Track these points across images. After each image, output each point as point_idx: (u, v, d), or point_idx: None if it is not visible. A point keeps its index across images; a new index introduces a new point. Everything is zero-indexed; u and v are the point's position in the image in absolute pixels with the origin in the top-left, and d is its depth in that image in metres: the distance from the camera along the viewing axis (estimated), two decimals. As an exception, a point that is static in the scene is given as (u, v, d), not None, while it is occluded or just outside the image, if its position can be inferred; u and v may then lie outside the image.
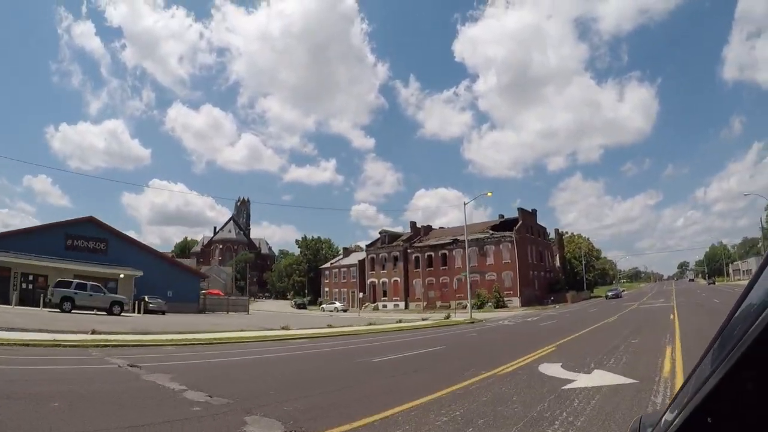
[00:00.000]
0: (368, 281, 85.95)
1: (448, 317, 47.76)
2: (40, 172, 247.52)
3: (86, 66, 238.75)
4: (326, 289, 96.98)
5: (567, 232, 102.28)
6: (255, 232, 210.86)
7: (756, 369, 0.83)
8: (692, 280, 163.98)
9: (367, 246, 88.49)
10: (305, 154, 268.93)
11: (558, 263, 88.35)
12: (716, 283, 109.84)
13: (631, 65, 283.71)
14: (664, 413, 1.33)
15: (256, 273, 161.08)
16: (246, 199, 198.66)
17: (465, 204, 49.06)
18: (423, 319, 47.03)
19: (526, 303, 66.79)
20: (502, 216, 77.21)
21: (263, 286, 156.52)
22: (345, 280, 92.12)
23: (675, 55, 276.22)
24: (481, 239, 71.37)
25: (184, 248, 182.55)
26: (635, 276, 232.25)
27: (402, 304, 78.87)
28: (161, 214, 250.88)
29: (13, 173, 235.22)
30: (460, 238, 73.85)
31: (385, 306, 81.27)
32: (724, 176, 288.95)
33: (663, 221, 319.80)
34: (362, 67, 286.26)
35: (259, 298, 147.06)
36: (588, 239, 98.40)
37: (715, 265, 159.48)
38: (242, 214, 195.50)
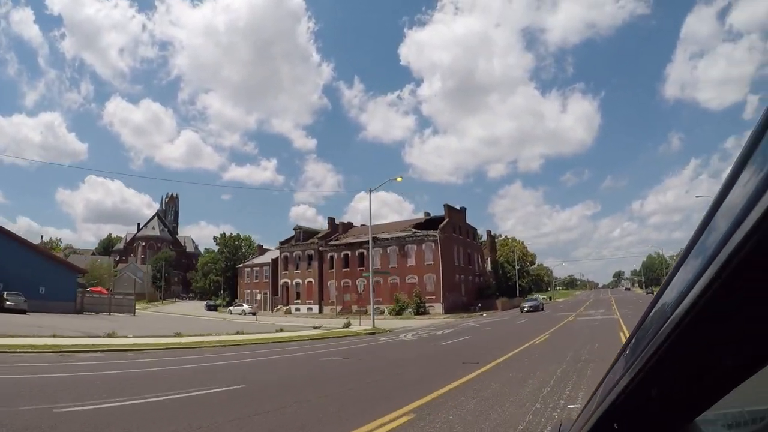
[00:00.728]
0: (281, 282, 75.14)
1: (348, 325, 38.12)
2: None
3: (23, 55, 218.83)
4: (242, 289, 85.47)
5: (500, 235, 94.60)
6: (191, 232, 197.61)
7: (663, 371, 0.78)
8: (628, 289, 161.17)
9: (280, 243, 77.63)
10: (246, 153, 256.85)
11: (489, 267, 79.97)
12: (654, 292, 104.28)
13: (575, 77, 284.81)
14: (577, 419, 1.22)
15: (180, 272, 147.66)
16: (174, 195, 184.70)
17: (371, 190, 39.43)
18: (315, 328, 37.21)
19: (450, 309, 57.69)
20: (428, 213, 68.02)
21: (187, 286, 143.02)
22: (258, 280, 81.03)
23: (619, 70, 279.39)
24: (402, 238, 61.88)
25: (108, 245, 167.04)
26: (571, 284, 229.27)
27: (316, 308, 68.54)
28: (97, 211, 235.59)
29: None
30: (381, 236, 64.34)
31: (298, 309, 70.73)
32: (661, 190, 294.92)
33: (599, 231, 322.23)
34: (307, 67, 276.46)
35: (182, 298, 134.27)
36: (522, 243, 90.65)
37: (652, 274, 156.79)
38: (170, 211, 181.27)
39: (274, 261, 76.92)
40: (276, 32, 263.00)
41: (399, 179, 37.69)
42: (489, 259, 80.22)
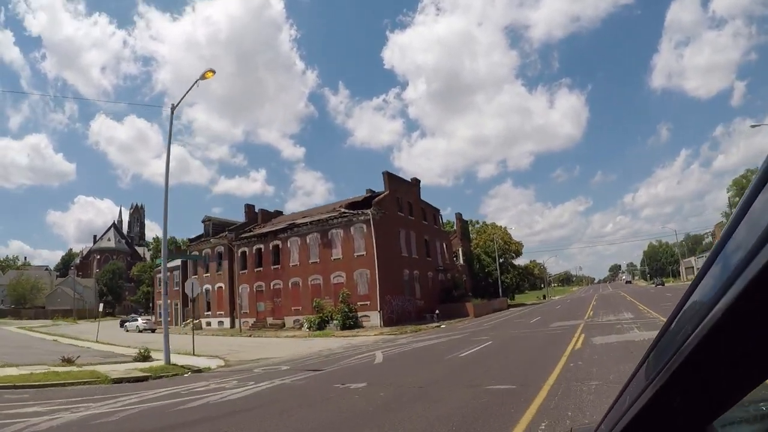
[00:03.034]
0: (190, 291, 56.12)
1: (145, 357, 19.01)
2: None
3: (5, 77, 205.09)
4: (155, 300, 66.57)
5: (476, 221, 74.55)
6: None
7: (689, 379, 0.73)
8: (629, 281, 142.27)
9: (189, 241, 58.63)
10: (235, 165, 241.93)
11: (461, 260, 60.52)
12: (665, 284, 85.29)
13: (561, 72, 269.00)
14: (599, 426, 1.15)
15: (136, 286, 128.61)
16: (140, 205, 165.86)
17: (174, 107, 20.37)
18: (65, 361, 18.07)
19: (395, 319, 38.76)
20: (371, 191, 48.50)
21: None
22: (169, 289, 61.91)
23: (605, 63, 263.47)
24: (325, 221, 42.61)
25: (68, 261, 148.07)
26: (566, 280, 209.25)
27: (228, 321, 49.39)
28: (88, 232, 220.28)
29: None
30: (301, 220, 45.46)
31: (209, 324, 51.74)
32: (652, 182, 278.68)
33: (592, 226, 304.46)
34: (291, 75, 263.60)
35: (139, 314, 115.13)
36: (504, 228, 70.64)
37: (657, 264, 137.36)
38: (135, 223, 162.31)
39: (184, 264, 57.83)
40: (258, 42, 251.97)
41: (209, 75, 18.88)
42: (461, 250, 60.86)
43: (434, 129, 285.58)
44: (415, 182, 50.16)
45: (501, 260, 64.00)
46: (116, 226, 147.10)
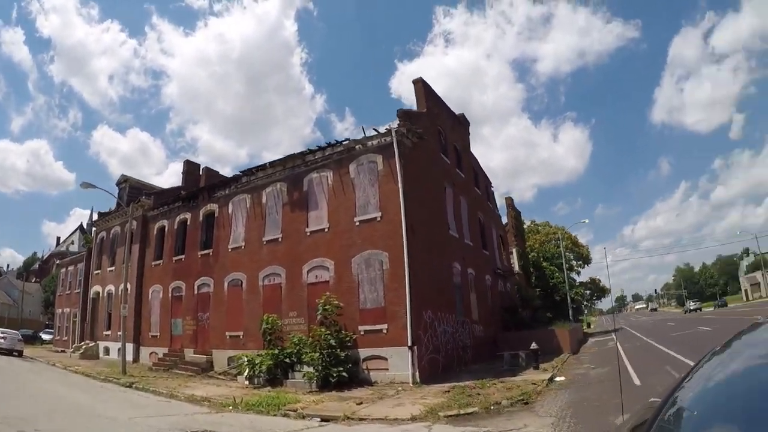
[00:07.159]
0: (91, 292, 33.86)
1: None
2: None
3: (12, 78, 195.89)
4: (58, 309, 43.65)
5: (531, 221, 50.15)
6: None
7: None
8: (655, 309, 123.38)
9: (99, 215, 36.45)
10: None
11: (518, 266, 38.16)
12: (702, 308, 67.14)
13: (567, 106, 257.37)
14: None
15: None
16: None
17: None
18: None
19: (440, 366, 16.75)
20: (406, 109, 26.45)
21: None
22: (70, 291, 39.70)
23: (609, 97, 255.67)
24: (299, 158, 20.55)
25: (30, 265, 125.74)
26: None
27: (132, 348, 26.54)
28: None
29: None
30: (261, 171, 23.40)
31: (107, 351, 29.43)
32: (651, 215, 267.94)
33: (594, 257, 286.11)
34: (300, 99, 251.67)
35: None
36: (564, 228, 47.23)
37: (694, 287, 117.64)
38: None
39: (89, 252, 35.85)
40: (269, 63, 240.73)
41: None
42: (515, 251, 38.66)
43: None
44: (464, 121, 28.12)
45: (567, 271, 41.81)
46: (83, 229, 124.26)
